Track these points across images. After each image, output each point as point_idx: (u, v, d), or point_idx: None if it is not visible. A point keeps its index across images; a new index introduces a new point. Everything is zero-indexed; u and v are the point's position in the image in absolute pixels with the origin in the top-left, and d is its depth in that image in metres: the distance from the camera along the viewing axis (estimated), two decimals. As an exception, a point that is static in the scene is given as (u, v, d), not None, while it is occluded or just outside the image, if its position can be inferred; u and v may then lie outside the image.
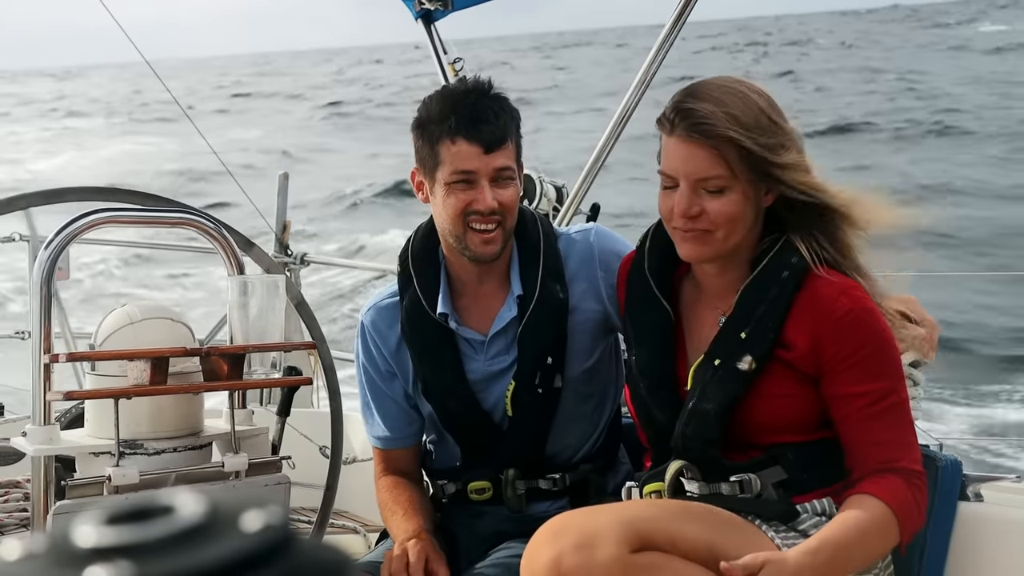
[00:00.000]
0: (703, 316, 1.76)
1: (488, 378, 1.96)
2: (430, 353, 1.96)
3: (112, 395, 1.76)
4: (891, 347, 1.64)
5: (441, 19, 3.03)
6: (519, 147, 1.90)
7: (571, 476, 1.98)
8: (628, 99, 2.76)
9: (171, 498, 0.33)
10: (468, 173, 1.81)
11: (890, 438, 1.60)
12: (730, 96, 1.61)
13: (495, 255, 1.88)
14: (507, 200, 1.84)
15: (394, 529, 1.95)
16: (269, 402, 3.25)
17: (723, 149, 1.59)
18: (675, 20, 2.66)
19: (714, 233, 1.64)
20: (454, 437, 2.02)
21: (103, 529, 0.32)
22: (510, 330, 1.94)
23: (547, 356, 1.91)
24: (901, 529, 1.56)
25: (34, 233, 3.67)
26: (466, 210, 1.82)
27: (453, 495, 2.03)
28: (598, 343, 1.99)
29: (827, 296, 1.62)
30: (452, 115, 1.81)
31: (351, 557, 0.37)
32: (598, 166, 2.89)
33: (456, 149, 1.81)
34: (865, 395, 1.61)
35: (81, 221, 1.86)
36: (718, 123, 1.59)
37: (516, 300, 1.92)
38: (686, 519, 1.55)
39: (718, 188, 1.62)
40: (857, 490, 1.59)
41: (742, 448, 1.68)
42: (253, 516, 0.33)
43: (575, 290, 1.95)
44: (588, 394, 2.01)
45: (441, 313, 1.93)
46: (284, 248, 4.04)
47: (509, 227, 1.88)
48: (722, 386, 1.64)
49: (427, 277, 1.95)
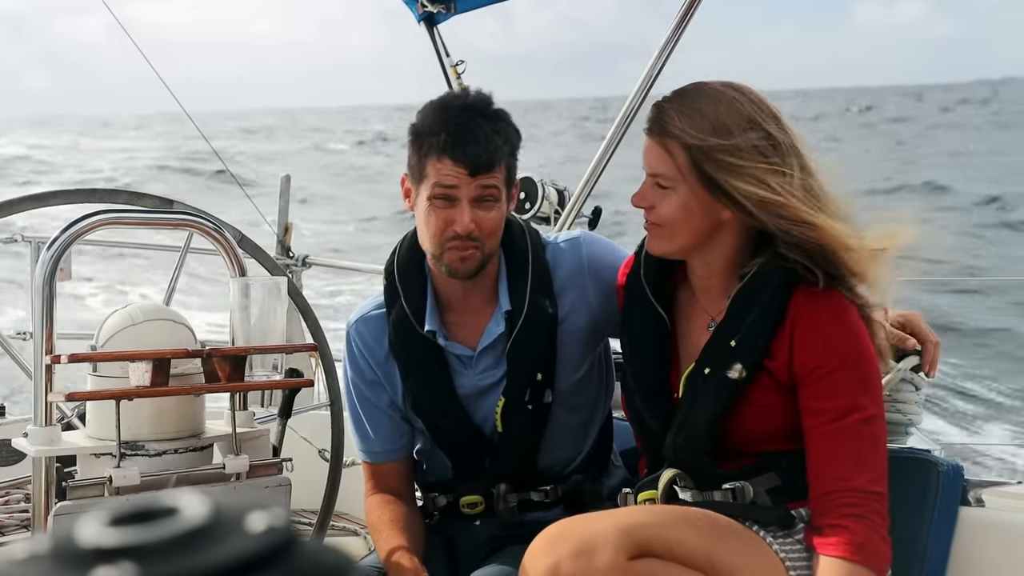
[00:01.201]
0: (696, 323, 1.75)
1: (477, 393, 1.94)
2: (419, 369, 1.93)
3: (113, 396, 1.76)
4: (864, 364, 1.60)
5: (444, 22, 3.03)
6: (511, 169, 1.84)
7: (563, 487, 1.97)
8: (630, 104, 2.76)
9: (175, 499, 0.33)
10: (450, 189, 1.76)
11: (848, 457, 1.56)
12: (701, 99, 1.62)
13: (470, 272, 1.83)
14: (487, 224, 1.79)
15: (385, 552, 1.89)
16: (270, 404, 3.25)
17: (672, 148, 1.62)
18: (677, 24, 2.67)
19: (663, 228, 1.67)
20: (444, 452, 2.00)
21: (108, 530, 0.32)
22: (499, 345, 1.91)
23: (536, 372, 1.88)
24: (878, 571, 1.54)
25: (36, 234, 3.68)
26: (444, 230, 1.78)
27: (445, 508, 2.01)
28: (588, 354, 1.97)
29: (807, 308, 1.60)
30: (443, 131, 1.76)
31: (353, 559, 0.37)
32: (600, 170, 2.90)
33: (440, 166, 1.76)
34: (826, 411, 1.57)
35: (83, 222, 1.86)
36: (670, 122, 1.62)
37: (504, 315, 1.89)
38: (684, 525, 1.54)
39: (665, 186, 1.64)
40: (819, 550, 1.55)
41: (733, 456, 1.67)
42: (257, 518, 0.33)
43: (564, 302, 1.92)
44: (578, 405, 1.99)
45: (429, 330, 1.90)
46: (286, 250, 4.04)
47: (488, 249, 1.82)
48: (712, 395, 1.63)
49: (414, 292, 1.92)
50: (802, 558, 1.59)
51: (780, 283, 1.62)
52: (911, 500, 1.85)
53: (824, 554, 1.53)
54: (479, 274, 1.86)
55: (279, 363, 1.93)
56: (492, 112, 1.82)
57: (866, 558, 1.51)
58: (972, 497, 1.91)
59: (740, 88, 1.64)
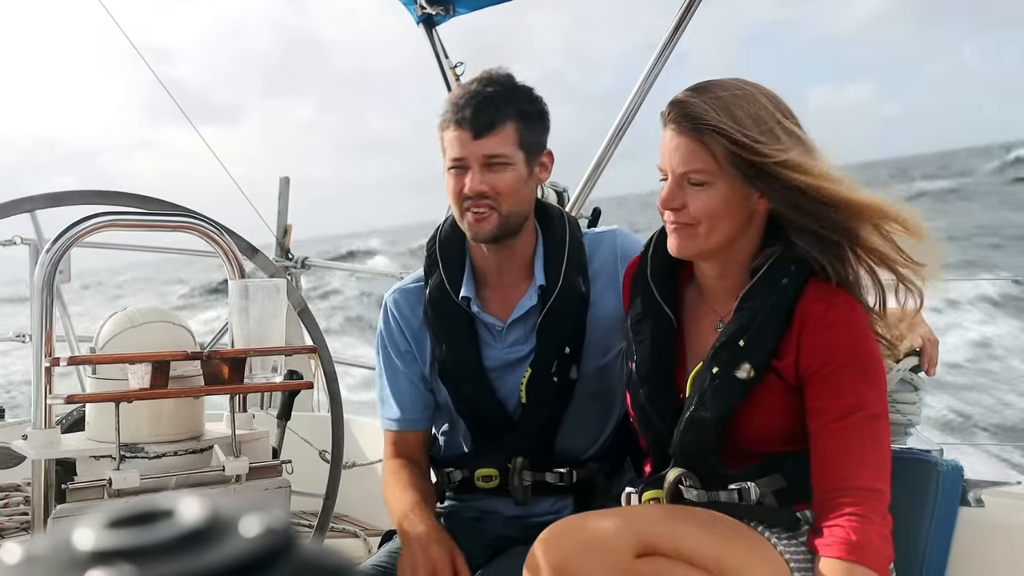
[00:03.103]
0: (703, 323, 1.75)
1: (504, 366, 1.99)
2: (450, 336, 1.99)
3: (113, 399, 1.76)
4: (870, 364, 1.59)
5: (442, 23, 3.04)
6: (522, 132, 1.89)
7: (579, 473, 1.99)
8: (628, 105, 2.77)
9: (172, 502, 0.33)
10: (459, 160, 1.87)
11: (850, 455, 1.56)
12: (730, 93, 1.59)
13: (489, 235, 1.91)
14: (499, 185, 1.87)
15: (399, 511, 1.93)
16: (270, 406, 3.26)
17: (709, 142, 1.58)
18: (675, 26, 2.67)
19: (696, 228, 1.63)
20: (466, 423, 2.04)
21: (104, 532, 0.32)
22: (530, 319, 1.97)
23: (565, 345, 1.94)
24: (877, 570, 1.53)
25: (36, 237, 3.68)
26: (460, 194, 1.89)
27: (459, 484, 2.04)
28: (614, 343, 2.00)
29: (815, 307, 1.60)
30: (453, 105, 1.88)
31: (352, 562, 0.37)
32: (599, 171, 2.90)
33: (451, 136, 1.88)
34: (831, 410, 1.57)
35: (82, 225, 1.86)
36: (707, 115, 1.57)
37: (538, 290, 1.96)
38: (691, 525, 1.54)
39: (700, 182, 1.60)
40: (819, 550, 1.54)
41: (739, 456, 1.67)
42: (254, 520, 0.33)
43: (597, 286, 1.99)
44: (600, 392, 2.02)
45: (464, 297, 1.97)
46: (285, 252, 4.04)
47: (506, 211, 1.89)
48: (720, 394, 1.63)
49: (452, 263, 2.01)
50: (806, 560, 1.59)
51: (789, 283, 1.62)
52: (911, 500, 1.85)
53: (823, 554, 1.53)
54: (505, 240, 1.94)
55: (279, 365, 1.93)
56: (496, 79, 1.90)
57: (864, 558, 1.51)
58: (972, 497, 1.91)
59: (752, 83, 1.63)
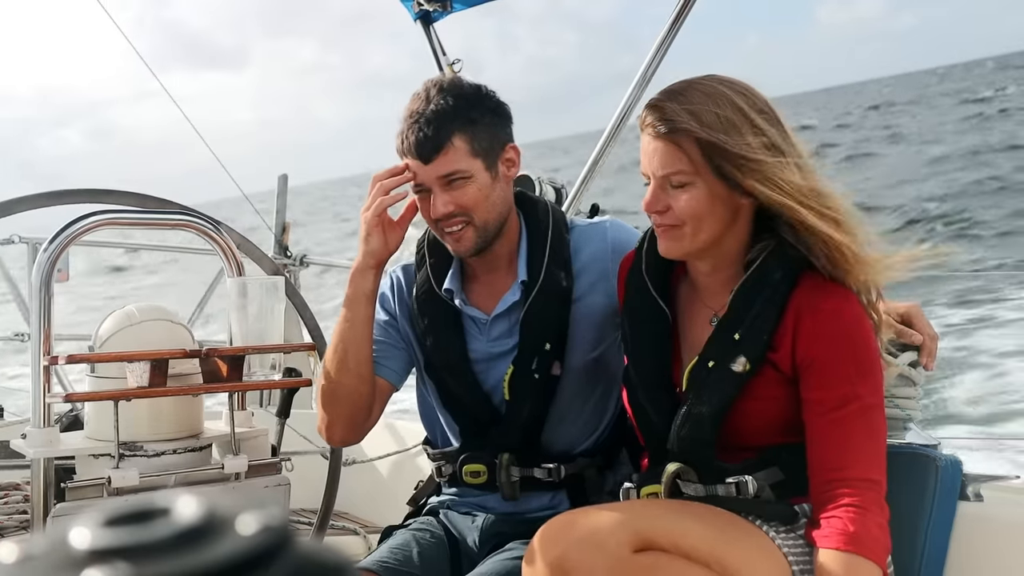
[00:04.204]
0: (697, 317, 1.76)
1: (489, 359, 1.98)
2: (435, 328, 1.99)
3: (112, 397, 1.76)
4: (865, 354, 1.60)
5: (440, 20, 3.03)
6: (473, 141, 1.85)
7: (567, 468, 1.98)
8: (626, 101, 2.76)
9: (169, 500, 0.33)
10: (419, 185, 1.88)
11: (845, 446, 1.56)
12: (699, 94, 1.61)
13: (471, 251, 1.91)
14: (464, 200, 1.86)
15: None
16: (269, 404, 3.26)
17: (683, 144, 1.60)
18: (673, 21, 2.67)
19: (682, 228, 1.64)
20: (453, 417, 2.03)
21: (101, 531, 0.32)
22: (513, 314, 1.97)
23: (545, 342, 1.93)
24: (876, 560, 1.54)
25: (34, 236, 3.68)
26: (431, 218, 1.90)
27: (449, 478, 2.04)
28: (604, 337, 1.99)
29: (809, 299, 1.61)
30: (400, 132, 1.88)
31: (351, 559, 0.37)
32: (596, 167, 2.90)
33: (408, 164, 1.88)
34: (825, 400, 1.58)
35: (80, 223, 1.86)
36: (677, 118, 1.59)
37: (520, 285, 1.95)
38: (689, 519, 1.54)
39: (681, 183, 1.62)
40: (816, 542, 1.54)
41: (736, 450, 1.67)
42: (251, 518, 0.33)
43: (583, 281, 1.97)
44: (591, 387, 2.01)
45: (447, 289, 1.97)
46: (284, 250, 4.04)
47: (480, 221, 1.89)
48: (716, 388, 1.63)
49: (440, 259, 2.01)
50: (804, 553, 1.60)
51: (783, 276, 1.63)
52: (909, 495, 1.85)
53: (822, 546, 1.54)
54: (487, 249, 1.93)
55: (277, 363, 1.93)
56: (437, 94, 1.87)
57: (863, 548, 1.51)
58: (970, 492, 1.91)
59: (726, 80, 1.64)
